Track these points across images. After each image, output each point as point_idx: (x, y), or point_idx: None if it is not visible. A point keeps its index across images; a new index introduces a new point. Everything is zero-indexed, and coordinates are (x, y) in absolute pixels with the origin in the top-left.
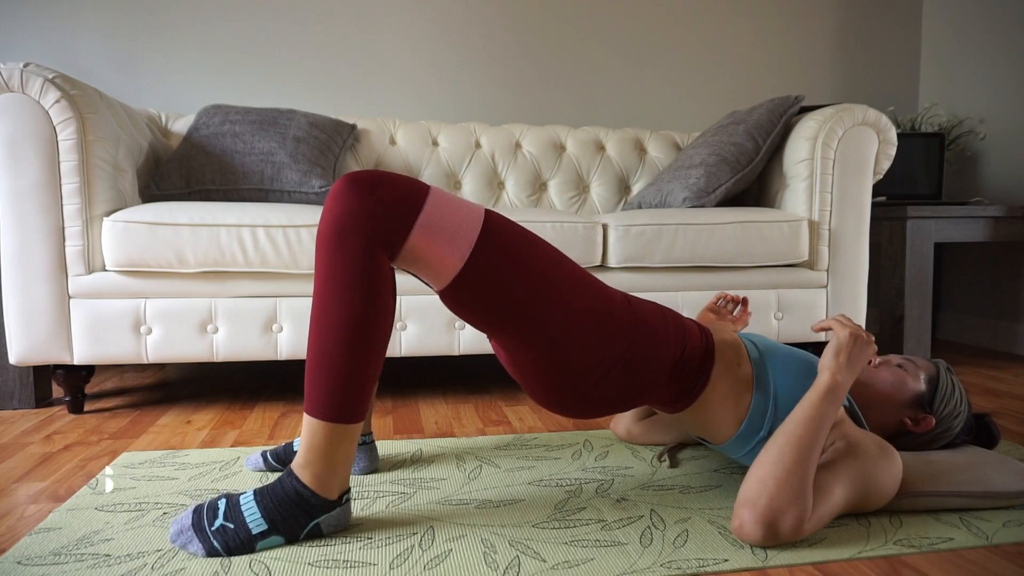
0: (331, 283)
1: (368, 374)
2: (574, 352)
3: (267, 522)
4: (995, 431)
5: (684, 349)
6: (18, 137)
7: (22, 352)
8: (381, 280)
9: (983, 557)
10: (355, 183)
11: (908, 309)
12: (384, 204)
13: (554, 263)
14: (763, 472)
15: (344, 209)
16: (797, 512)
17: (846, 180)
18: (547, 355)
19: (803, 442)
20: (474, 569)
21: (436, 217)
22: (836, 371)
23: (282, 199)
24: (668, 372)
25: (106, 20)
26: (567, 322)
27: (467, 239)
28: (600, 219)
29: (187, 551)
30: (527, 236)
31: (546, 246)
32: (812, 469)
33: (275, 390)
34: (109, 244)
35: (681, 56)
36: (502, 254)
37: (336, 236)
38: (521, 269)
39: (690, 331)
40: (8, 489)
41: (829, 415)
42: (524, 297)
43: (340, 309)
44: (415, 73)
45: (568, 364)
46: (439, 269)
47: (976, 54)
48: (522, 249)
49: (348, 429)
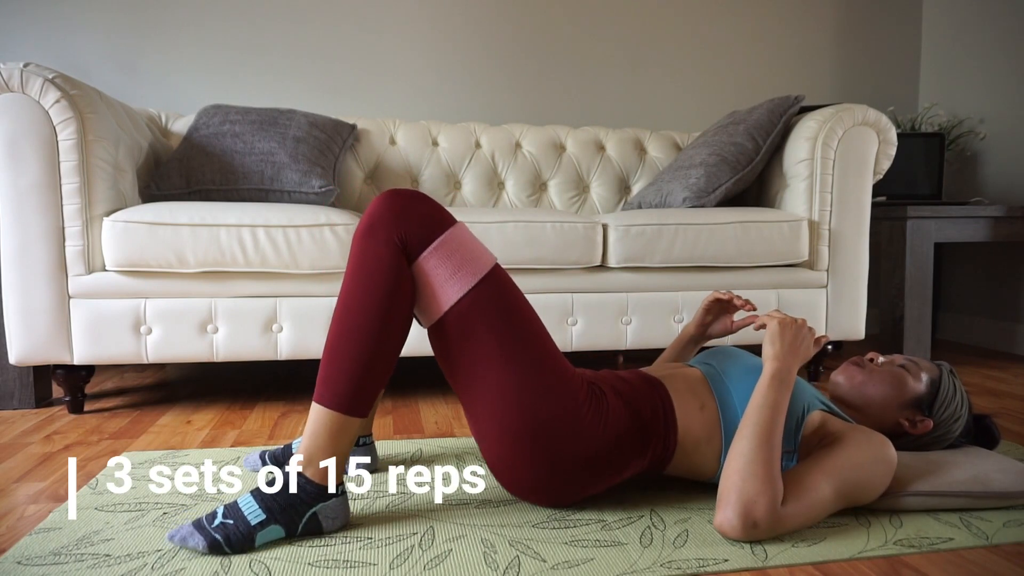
0: (358, 273)
1: (381, 368)
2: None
3: (264, 512)
4: (996, 433)
5: (646, 424)
6: (18, 137)
7: (22, 352)
8: (404, 279)
9: (983, 557)
10: (397, 192)
11: (908, 309)
12: (415, 214)
13: (540, 337)
14: (729, 469)
15: (381, 210)
16: (768, 498)
17: (846, 180)
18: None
19: (760, 430)
20: (474, 569)
21: (452, 244)
22: (775, 356)
23: (282, 199)
24: (636, 449)
25: (106, 20)
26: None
27: (471, 276)
28: (600, 219)
29: (187, 545)
30: (524, 302)
31: (537, 320)
32: (776, 454)
33: (275, 390)
34: (109, 244)
35: (681, 56)
36: (497, 303)
37: (368, 232)
38: (512, 321)
39: (647, 401)
40: (8, 489)
41: (780, 400)
42: (510, 348)
43: (365, 300)
44: (415, 73)
45: (540, 439)
46: (437, 296)
47: (976, 54)
48: (517, 308)
49: (352, 422)
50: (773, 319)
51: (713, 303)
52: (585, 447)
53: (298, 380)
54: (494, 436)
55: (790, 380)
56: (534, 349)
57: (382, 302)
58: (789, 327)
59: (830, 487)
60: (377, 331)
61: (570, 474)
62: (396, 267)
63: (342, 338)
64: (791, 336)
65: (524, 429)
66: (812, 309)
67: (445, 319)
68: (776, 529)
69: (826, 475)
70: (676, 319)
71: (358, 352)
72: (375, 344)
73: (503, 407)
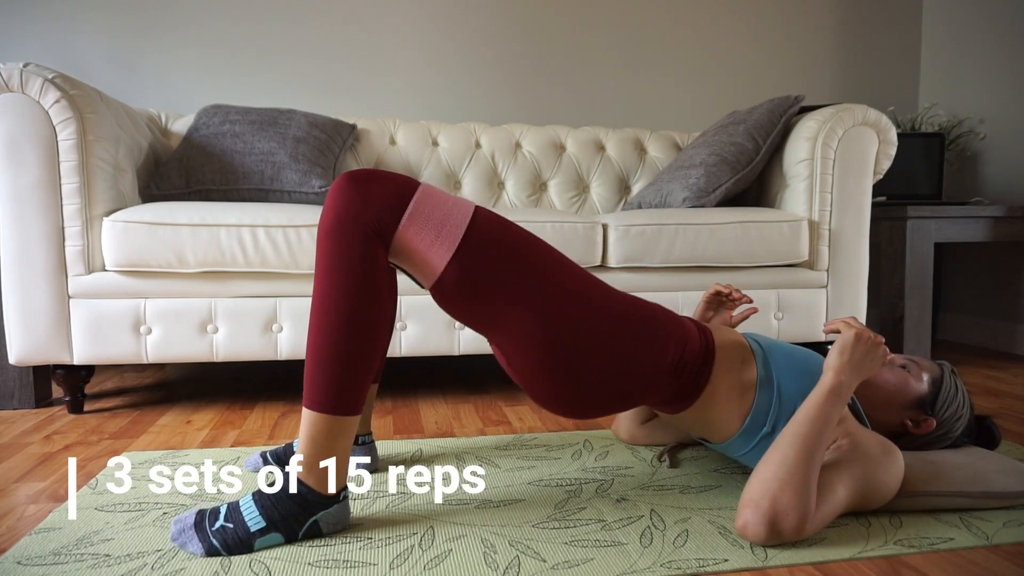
0: (330, 275)
1: (365, 365)
2: (573, 347)
3: (265, 520)
4: (996, 433)
5: (684, 350)
6: (18, 137)
7: (22, 352)
8: (378, 272)
9: (983, 557)
10: (351, 179)
11: (908, 309)
12: (376, 197)
13: (548, 257)
14: (767, 472)
15: (341, 203)
16: (800, 512)
17: (846, 180)
18: (545, 350)
19: (807, 442)
20: (474, 569)
21: (425, 208)
22: (839, 370)
23: (282, 199)
24: (669, 371)
25: (106, 20)
26: (565, 315)
27: (455, 231)
28: (600, 219)
29: (186, 550)
30: (519, 231)
31: (540, 242)
32: (816, 469)
33: (275, 390)
34: (109, 244)
35: (681, 56)
36: (492, 247)
37: (334, 230)
38: (513, 263)
39: (690, 332)
40: (8, 489)
41: (833, 414)
42: (518, 291)
43: (338, 300)
44: (415, 73)
45: (568, 361)
46: (428, 261)
47: (976, 54)
48: (514, 242)
49: (345, 422)
50: (851, 328)
51: (713, 296)
52: (611, 365)
53: (298, 380)
54: (524, 364)
55: (846, 396)
56: (545, 272)
57: (357, 299)
58: (864, 343)
59: (846, 497)
60: (356, 329)
61: (600, 384)
62: (371, 260)
63: (321, 341)
64: (862, 353)
65: (552, 354)
66: (812, 309)
67: (444, 277)
68: (796, 539)
69: (846, 486)
70: None
71: (339, 353)
72: (356, 343)
73: (529, 338)
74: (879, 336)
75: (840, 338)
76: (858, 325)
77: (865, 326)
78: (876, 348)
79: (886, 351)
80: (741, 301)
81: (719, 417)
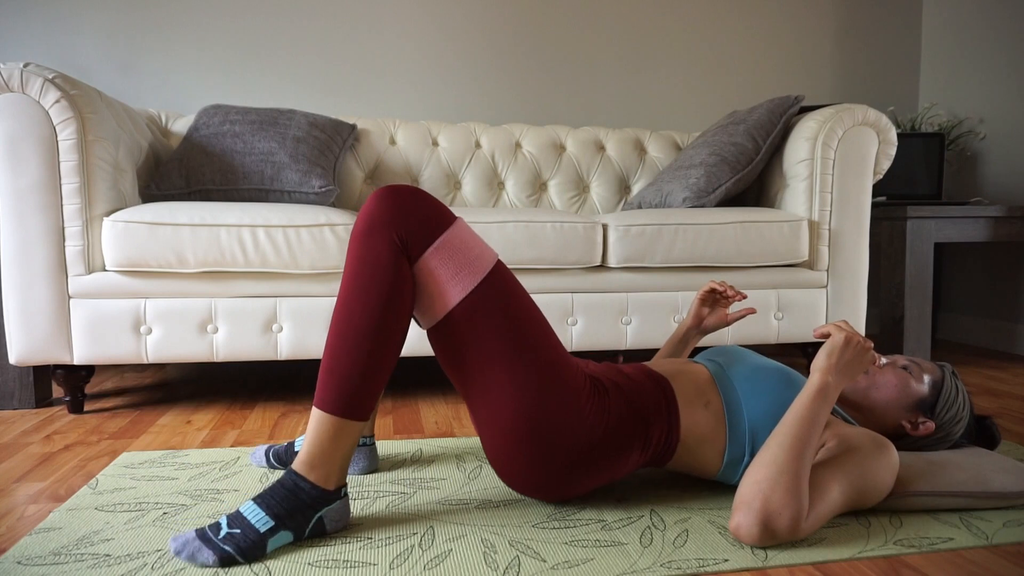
0: (358, 278)
1: (381, 371)
2: (548, 424)
3: (272, 518)
4: (996, 434)
5: (648, 420)
6: (18, 137)
7: (22, 352)
8: (403, 283)
9: (983, 557)
10: (395, 190)
11: (908, 309)
12: (414, 212)
13: (542, 333)
14: (758, 474)
15: (377, 209)
16: (792, 512)
17: (846, 180)
18: (521, 422)
19: (796, 442)
20: (474, 569)
21: (455, 242)
22: (826, 371)
23: (282, 199)
24: (638, 445)
25: (106, 20)
26: (544, 390)
27: (474, 276)
28: (600, 219)
29: (196, 562)
30: (526, 298)
31: (540, 315)
32: (806, 468)
33: (275, 390)
34: (109, 244)
35: (681, 56)
36: (499, 302)
37: (367, 232)
38: (512, 326)
39: (651, 396)
40: (8, 489)
41: (821, 414)
42: (509, 351)
43: (364, 301)
44: (415, 73)
45: (542, 436)
46: (444, 293)
47: (976, 54)
48: (519, 305)
49: (352, 426)
50: (841, 331)
51: (708, 294)
52: (585, 443)
53: (298, 380)
54: (495, 432)
55: (833, 397)
56: (536, 346)
57: (383, 304)
58: (852, 347)
59: (841, 495)
60: (378, 334)
61: (570, 470)
62: (397, 268)
63: (342, 342)
64: (850, 356)
65: (525, 426)
66: (812, 309)
67: (447, 320)
68: (791, 540)
69: (840, 484)
70: (676, 319)
71: (359, 356)
72: (376, 347)
73: (505, 404)
74: (868, 341)
75: (830, 340)
76: (848, 329)
77: (855, 330)
78: (864, 353)
79: (874, 356)
80: (736, 298)
81: (699, 460)
